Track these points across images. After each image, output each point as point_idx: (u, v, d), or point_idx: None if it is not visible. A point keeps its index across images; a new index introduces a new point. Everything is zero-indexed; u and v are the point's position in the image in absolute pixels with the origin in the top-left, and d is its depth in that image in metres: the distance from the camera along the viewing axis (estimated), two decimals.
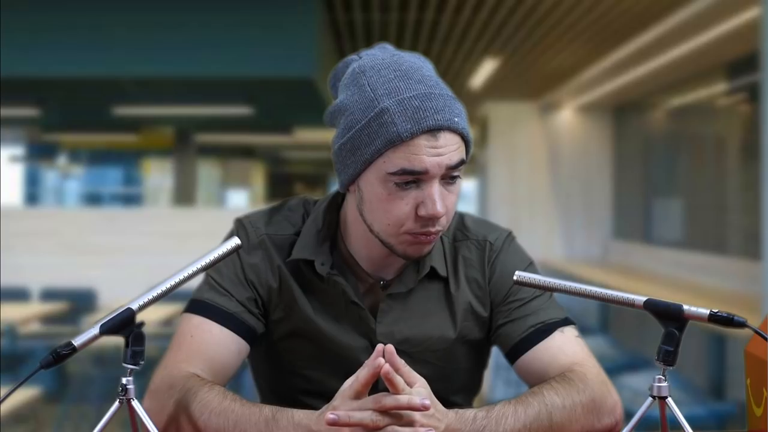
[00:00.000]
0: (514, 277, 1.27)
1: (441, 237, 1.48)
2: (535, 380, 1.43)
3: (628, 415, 1.30)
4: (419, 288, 1.47)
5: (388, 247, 1.39)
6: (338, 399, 1.25)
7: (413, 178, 1.32)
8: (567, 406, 1.35)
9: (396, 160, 1.32)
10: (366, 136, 1.33)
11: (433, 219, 1.34)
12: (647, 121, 9.73)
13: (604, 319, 8.31)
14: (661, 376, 1.18)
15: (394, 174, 1.32)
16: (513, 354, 1.46)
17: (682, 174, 8.62)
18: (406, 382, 1.25)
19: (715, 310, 1.18)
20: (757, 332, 1.24)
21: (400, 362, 1.26)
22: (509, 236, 1.53)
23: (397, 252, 1.39)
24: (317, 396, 1.44)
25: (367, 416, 1.23)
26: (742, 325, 1.18)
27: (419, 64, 1.41)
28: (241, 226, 1.49)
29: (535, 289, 1.47)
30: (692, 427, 1.18)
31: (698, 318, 1.18)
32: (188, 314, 1.45)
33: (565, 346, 1.45)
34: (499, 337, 1.49)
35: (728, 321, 1.18)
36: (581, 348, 1.46)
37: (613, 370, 4.91)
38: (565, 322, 1.48)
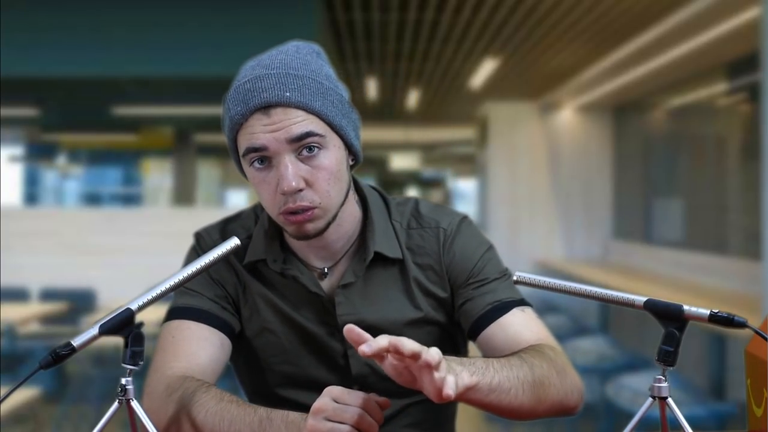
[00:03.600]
0: (514, 278, 1.27)
1: (392, 223, 1.51)
2: (499, 354, 1.42)
3: (628, 416, 1.30)
4: (374, 275, 1.49)
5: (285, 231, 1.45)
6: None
7: (259, 156, 1.37)
8: (545, 367, 1.35)
9: (242, 142, 1.39)
10: (223, 128, 1.43)
11: (290, 194, 1.37)
12: (647, 121, 9.73)
13: (604, 319, 8.30)
14: (661, 377, 1.18)
15: (244, 156, 1.38)
16: (474, 330, 1.47)
17: (682, 174, 8.62)
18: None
19: (716, 311, 1.18)
20: (757, 332, 1.23)
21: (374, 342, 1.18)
22: (463, 220, 1.54)
23: (289, 234, 1.44)
24: (296, 387, 1.49)
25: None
26: (742, 325, 1.18)
27: (286, 50, 1.44)
28: (199, 237, 1.55)
29: (494, 272, 1.49)
30: (692, 428, 1.18)
31: (698, 318, 1.18)
32: (166, 322, 1.49)
33: (530, 323, 1.46)
34: (461, 317, 1.50)
35: (728, 321, 1.18)
36: (543, 327, 1.48)
37: (613, 370, 4.91)
38: (522, 302, 1.49)
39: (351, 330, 1.19)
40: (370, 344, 1.15)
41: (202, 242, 1.53)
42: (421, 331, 1.50)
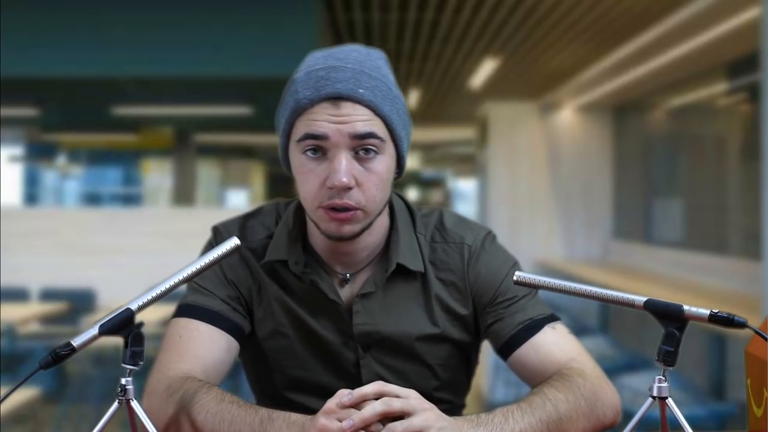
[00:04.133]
0: (514, 278, 1.27)
1: (417, 235, 1.50)
2: (532, 374, 1.44)
3: (628, 416, 1.30)
4: (394, 286, 1.47)
5: (317, 227, 1.42)
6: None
7: (317, 145, 1.35)
8: (570, 400, 1.35)
9: (300, 127, 1.36)
10: (282, 109, 1.40)
11: (339, 190, 1.35)
12: (647, 121, 9.72)
13: (604, 319, 8.30)
14: (661, 377, 1.18)
15: (300, 141, 1.36)
16: (505, 350, 1.47)
17: (682, 174, 8.62)
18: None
19: (716, 311, 1.18)
20: (757, 332, 1.23)
21: (372, 388, 1.25)
22: (488, 236, 1.53)
23: (321, 230, 1.41)
24: (304, 392, 1.48)
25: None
26: (742, 325, 1.17)
27: (358, 49, 1.43)
28: (216, 232, 1.53)
29: (521, 289, 1.48)
30: (692, 428, 1.17)
31: (698, 318, 1.18)
32: (175, 318, 1.48)
33: (560, 342, 1.46)
34: (490, 336, 1.50)
35: (728, 321, 1.17)
36: (575, 344, 1.47)
37: (613, 370, 4.91)
38: (552, 318, 1.49)
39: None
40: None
41: (219, 237, 1.51)
42: (435, 347, 1.49)
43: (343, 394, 1.23)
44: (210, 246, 1.51)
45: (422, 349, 1.48)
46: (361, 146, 1.35)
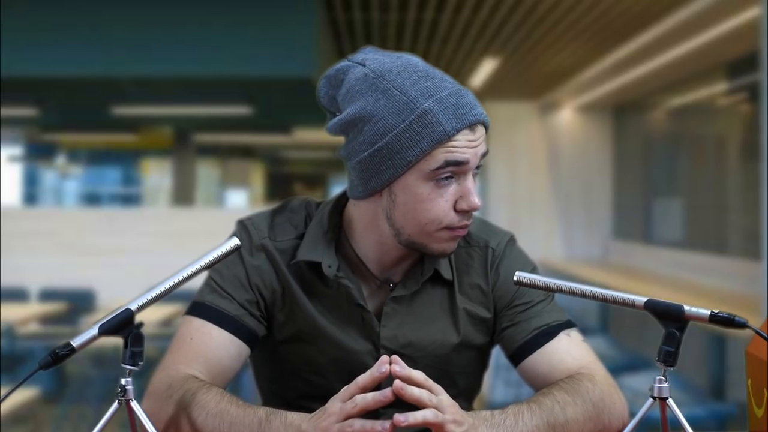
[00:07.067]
0: (515, 278, 1.28)
1: None
2: (541, 382, 1.43)
3: (629, 416, 1.30)
4: (423, 292, 1.47)
5: (417, 248, 1.41)
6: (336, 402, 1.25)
7: (453, 171, 1.36)
8: (578, 404, 1.35)
9: (439, 155, 1.35)
10: (407, 139, 1.35)
11: (470, 211, 1.39)
12: (647, 121, 9.73)
13: (604, 319, 8.30)
14: (661, 377, 1.18)
15: (437, 169, 1.35)
16: (517, 356, 1.47)
17: (682, 174, 8.62)
18: (430, 390, 1.26)
19: (716, 311, 1.18)
20: (758, 333, 1.23)
21: (419, 375, 1.27)
22: (510, 240, 1.54)
23: (430, 249, 1.41)
24: (319, 400, 1.40)
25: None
26: (743, 325, 1.17)
27: (416, 60, 1.47)
28: (243, 228, 1.49)
29: (538, 293, 1.48)
30: (693, 428, 1.17)
31: (699, 319, 1.18)
32: (189, 317, 1.45)
33: (573, 350, 1.46)
34: (503, 340, 1.49)
35: (729, 321, 1.17)
36: (587, 351, 1.47)
37: (613, 370, 4.88)
38: (568, 324, 1.49)
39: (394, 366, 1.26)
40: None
41: (245, 234, 1.47)
42: (457, 355, 1.49)
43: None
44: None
45: (445, 356, 1.48)
46: (478, 165, 1.40)
